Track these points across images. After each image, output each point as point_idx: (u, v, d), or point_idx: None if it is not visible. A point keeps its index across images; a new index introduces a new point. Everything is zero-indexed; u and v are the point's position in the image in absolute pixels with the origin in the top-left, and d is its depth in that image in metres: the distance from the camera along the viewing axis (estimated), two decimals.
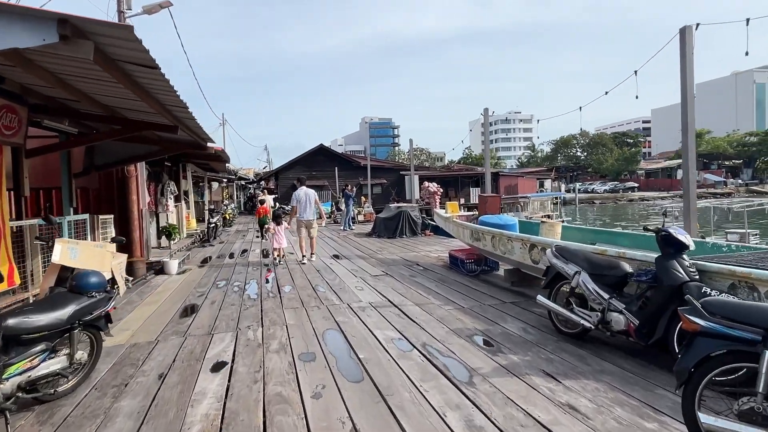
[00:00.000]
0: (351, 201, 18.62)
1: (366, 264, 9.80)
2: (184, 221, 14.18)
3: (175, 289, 7.75)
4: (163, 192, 11.24)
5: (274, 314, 5.93)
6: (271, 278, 8.48)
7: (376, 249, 12.26)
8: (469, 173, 41.41)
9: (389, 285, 7.51)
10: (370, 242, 13.98)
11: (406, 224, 15.15)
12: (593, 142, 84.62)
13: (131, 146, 8.41)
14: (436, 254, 10.82)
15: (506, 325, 5.12)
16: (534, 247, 6.00)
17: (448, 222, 9.09)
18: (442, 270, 8.73)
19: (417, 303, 6.25)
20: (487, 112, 11.12)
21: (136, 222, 9.03)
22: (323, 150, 38.24)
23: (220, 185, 29.45)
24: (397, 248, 12.29)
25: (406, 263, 9.68)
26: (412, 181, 15.92)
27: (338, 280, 8.14)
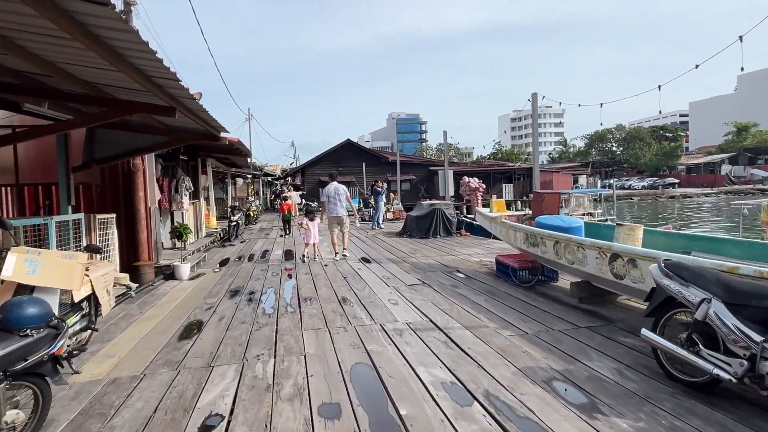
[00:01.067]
0: (381, 198, 17.49)
1: (399, 270, 8.64)
2: (203, 219, 13.31)
3: (182, 300, 6.76)
4: (178, 188, 10.33)
5: (291, 338, 4.83)
6: (290, 286, 7.41)
7: (409, 251, 11.09)
8: (501, 169, 39.76)
9: (428, 298, 6.33)
10: (401, 243, 12.81)
11: (440, 223, 13.93)
12: (630, 137, 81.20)
13: (135, 137, 7.45)
14: (477, 258, 9.58)
15: (592, 364, 3.87)
16: (617, 258, 4.72)
17: (494, 223, 7.85)
18: (488, 279, 7.50)
19: (466, 325, 5.05)
20: (536, 98, 9.79)
21: (144, 222, 8.10)
22: (350, 145, 37.26)
23: (245, 181, 28.79)
24: (432, 250, 11.08)
25: (444, 269, 8.48)
26: (447, 177, 14.70)
27: (368, 290, 7.01)
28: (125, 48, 3.24)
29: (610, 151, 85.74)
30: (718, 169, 69.03)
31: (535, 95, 9.80)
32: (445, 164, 15.59)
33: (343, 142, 36.91)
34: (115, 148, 7.46)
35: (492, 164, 44.13)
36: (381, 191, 17.45)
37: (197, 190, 13.28)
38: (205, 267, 9.70)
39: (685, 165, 73.09)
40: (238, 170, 25.80)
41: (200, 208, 12.97)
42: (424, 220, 14.11)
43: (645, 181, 68.77)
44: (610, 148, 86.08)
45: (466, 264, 8.95)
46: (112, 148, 7.45)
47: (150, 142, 7.58)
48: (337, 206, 9.91)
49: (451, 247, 11.59)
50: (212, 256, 11.22)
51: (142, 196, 8.08)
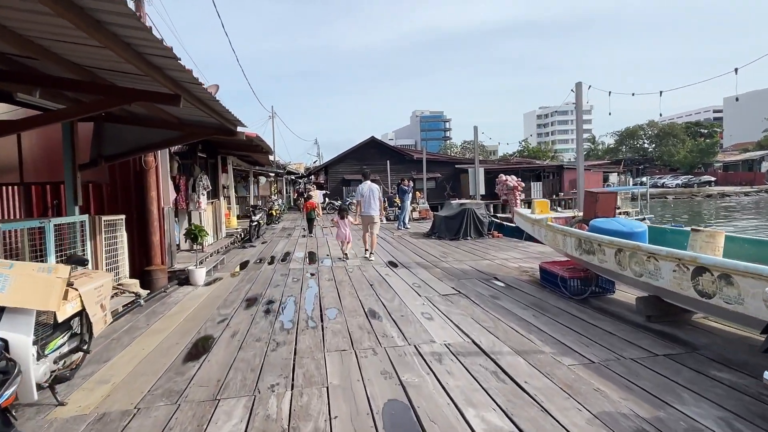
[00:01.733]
0: (408, 197, 16.75)
1: (430, 276, 7.90)
2: (222, 219, 12.80)
3: (194, 310, 6.16)
4: (195, 187, 9.79)
5: (312, 362, 4.15)
6: (312, 294, 6.75)
7: (439, 254, 10.32)
8: (530, 166, 38.51)
9: (467, 312, 5.57)
10: (429, 245, 12.05)
11: (471, 224, 13.11)
12: (663, 133, 78.40)
13: (146, 132, 6.90)
14: (515, 264, 8.76)
15: (688, 410, 3.07)
16: (704, 273, 3.89)
17: (537, 225, 7.03)
18: (532, 289, 6.69)
19: (517, 348, 4.28)
20: (580, 88, 8.90)
21: (156, 223, 7.55)
22: (375, 142, 36.59)
23: (268, 180, 28.40)
24: (464, 254, 10.29)
25: (480, 277, 7.69)
26: (477, 176, 13.86)
27: (397, 300, 6.29)
28: (102, 11, 2.58)
29: (642, 148, 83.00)
30: (757, 166, 65.92)
31: (580, 85, 8.91)
32: (475, 162, 14.76)
33: (367, 139, 36.26)
34: (124, 144, 6.91)
35: (520, 162, 42.87)
36: (408, 190, 16.71)
37: (217, 188, 12.77)
38: (223, 270, 9.13)
39: (722, 162, 70.08)
40: (260, 169, 25.40)
41: (220, 207, 12.46)
42: (453, 220, 13.31)
43: (679, 179, 66.22)
44: (642, 145, 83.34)
45: (504, 270, 8.14)
46: (121, 144, 6.90)
47: (162, 138, 7.01)
48: (371, 205, 9.84)
49: (484, 250, 10.77)
50: (231, 259, 10.66)
51: (155, 196, 7.52)
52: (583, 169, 9.27)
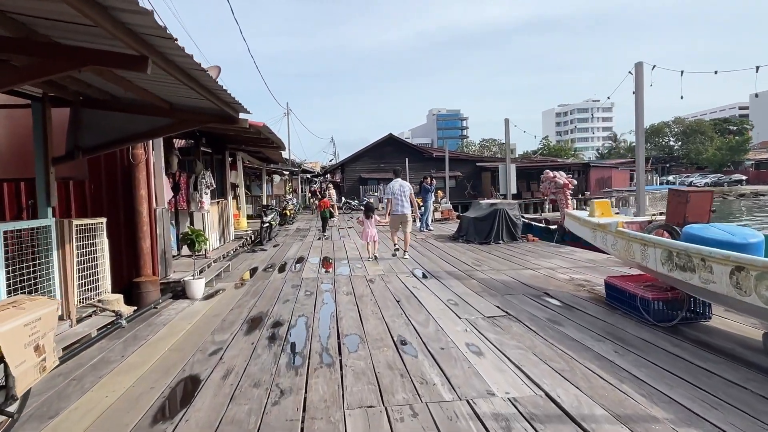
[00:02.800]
0: (430, 196, 15.53)
1: (466, 290, 6.68)
2: (230, 220, 11.73)
3: (184, 335, 5.04)
4: (197, 186, 8.71)
5: (327, 425, 2.97)
6: (328, 314, 5.59)
7: (472, 262, 9.08)
8: (555, 164, 36.89)
9: (525, 343, 4.35)
10: (458, 250, 10.81)
11: (503, 226, 11.83)
12: (690, 130, 75.72)
13: (131, 119, 5.79)
14: (564, 275, 7.49)
15: None
16: None
17: (601, 231, 5.76)
18: (596, 309, 5.43)
19: (615, 411, 3.04)
20: (641, 68, 7.58)
21: (146, 227, 6.46)
22: (392, 140, 35.42)
23: (282, 178, 27.41)
24: (500, 261, 9.04)
25: (528, 291, 6.45)
26: (508, 173, 12.58)
27: (432, 324, 5.09)
28: None
29: (667, 145, 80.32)
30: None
31: (641, 65, 7.60)
32: (506, 158, 13.47)
33: (385, 137, 35.09)
34: (106, 134, 5.82)
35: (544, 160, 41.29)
36: (431, 189, 15.48)
37: (224, 187, 11.71)
38: (227, 279, 8.03)
39: (753, 160, 67.28)
40: (274, 167, 24.40)
41: (227, 208, 11.40)
42: (483, 222, 12.05)
43: (708, 177, 63.65)
44: (668, 142, 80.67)
45: (555, 284, 6.88)
46: (103, 133, 5.82)
47: (150, 126, 5.90)
48: (402, 204, 9.53)
49: (522, 256, 9.50)
50: (238, 265, 9.57)
51: (145, 195, 6.44)
52: (643, 162, 7.94)
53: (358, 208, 27.60)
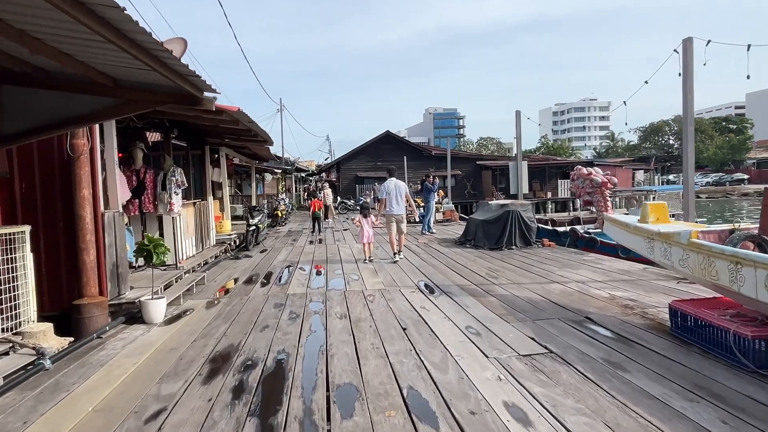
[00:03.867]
0: (433, 196, 14.29)
1: (486, 311, 5.44)
2: (211, 224, 10.45)
3: (121, 384, 3.77)
4: (165, 185, 7.44)
5: None
6: (315, 350, 4.34)
7: (486, 272, 7.85)
8: (558, 163, 35.77)
9: (587, 403, 3.12)
10: (467, 257, 9.57)
11: (516, 230, 10.61)
12: None
13: (66, 99, 4.53)
14: (600, 290, 6.26)
15: None
16: None
17: (662, 242, 4.53)
18: (662, 344, 4.20)
19: None
20: (690, 44, 6.36)
21: (90, 235, 5.19)
22: (390, 137, 34.17)
23: (274, 177, 26.10)
24: (519, 272, 7.81)
25: (563, 314, 5.22)
26: (520, 170, 11.35)
27: (452, 366, 3.85)
28: None
29: (667, 144, 79.34)
30: None
31: (690, 41, 6.38)
32: (517, 155, 12.23)
33: (382, 134, 33.81)
34: (32, 118, 4.56)
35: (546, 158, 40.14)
36: (433, 188, 14.24)
37: (204, 186, 10.44)
38: (200, 295, 6.78)
39: (754, 159, 66.42)
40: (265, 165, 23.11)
41: (207, 209, 10.12)
42: (493, 225, 10.82)
43: (709, 177, 62.74)
44: (667, 141, 79.69)
45: (594, 303, 5.65)
46: (27, 117, 4.55)
47: (90, 108, 4.63)
48: (397, 204, 9.32)
49: (542, 266, 8.27)
50: (216, 276, 8.30)
51: (88, 196, 5.17)
52: (693, 156, 6.71)
53: (354, 208, 26.36)
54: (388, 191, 9.32)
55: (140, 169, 7.42)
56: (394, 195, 9.28)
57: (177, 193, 7.53)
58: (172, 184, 7.47)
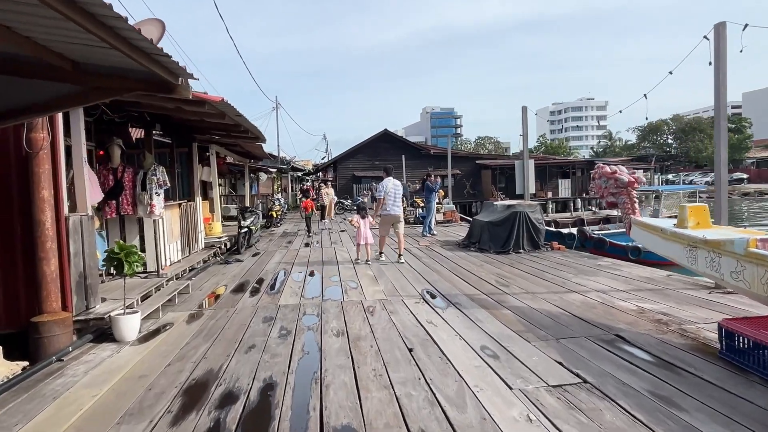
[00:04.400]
0: (434, 196, 13.67)
1: (502, 327, 4.82)
2: (200, 226, 9.79)
3: (71, 428, 3.13)
4: (145, 185, 6.79)
5: None
6: (308, 378, 3.71)
7: (495, 279, 7.23)
8: (558, 162, 35.22)
9: None
10: (473, 262, 8.95)
11: (524, 232, 10.00)
12: (689, 128, 74.38)
13: (19, 85, 3.89)
14: (626, 301, 5.65)
15: None
16: None
17: (707, 250, 3.92)
18: (714, 371, 3.58)
19: None
20: (723, 29, 5.76)
21: (50, 243, 4.54)
22: (388, 136, 33.54)
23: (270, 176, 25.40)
24: (532, 279, 7.19)
25: (590, 331, 4.60)
26: (527, 169, 10.70)
27: (470, 401, 3.22)
28: None
29: (666, 144, 79.00)
30: None
31: (723, 26, 5.77)
32: (524, 153, 11.62)
33: (380, 132, 33.17)
34: None
35: (545, 158, 39.58)
36: (434, 188, 13.60)
37: (191, 186, 9.79)
38: (182, 307, 6.14)
39: (754, 159, 66.10)
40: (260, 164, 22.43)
41: (195, 211, 9.47)
42: (499, 227, 10.21)
43: (708, 176, 62.32)
44: (666, 140, 79.34)
45: (622, 318, 5.03)
46: None
47: (48, 96, 4.00)
48: (395, 204, 9.02)
49: (556, 272, 7.65)
50: (202, 283, 7.66)
51: (48, 198, 4.52)
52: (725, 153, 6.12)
53: (351, 208, 25.73)
54: (386, 191, 8.97)
55: (118, 168, 6.76)
56: (392, 195, 8.96)
57: (158, 194, 6.88)
58: (152, 184, 6.82)
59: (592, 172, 6.18)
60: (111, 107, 5.91)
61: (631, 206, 5.32)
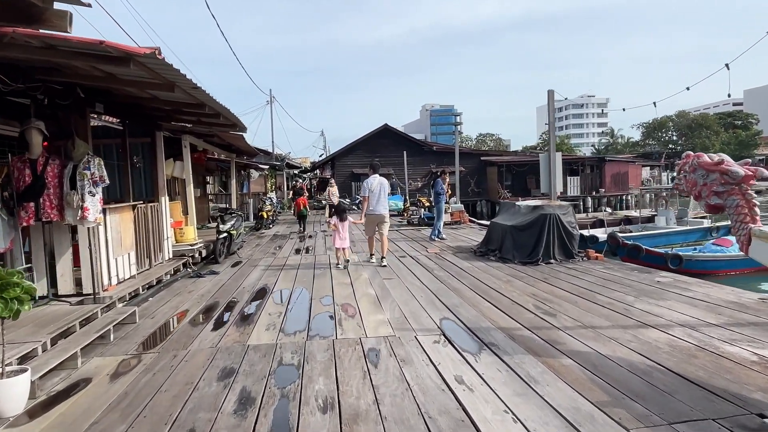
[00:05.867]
0: (443, 197, 11.99)
1: (574, 396, 3.18)
2: (165, 233, 8.12)
3: None
4: (75, 181, 5.14)
5: None
6: None
7: (533, 304, 5.58)
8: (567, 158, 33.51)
9: None
10: (498, 276, 7.31)
11: (555, 239, 8.36)
12: (695, 124, 72.75)
13: None
14: (739, 348, 4.00)
15: None
16: None
17: None
18: None
19: None
20: None
21: None
22: (388, 131, 31.84)
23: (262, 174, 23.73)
24: (583, 304, 5.53)
25: (713, 404, 2.96)
26: (554, 163, 9.10)
27: None
28: None
29: (671, 140, 77.32)
30: None
31: None
32: (551, 145, 9.97)
33: (380, 127, 31.45)
34: None
35: None
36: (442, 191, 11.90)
37: (155, 183, 8.12)
38: (116, 347, 4.50)
39: (763, 155, 64.53)
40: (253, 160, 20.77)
41: (159, 214, 7.80)
42: (525, 232, 8.57)
43: None
44: (671, 137, 77.67)
45: (748, 377, 3.39)
46: None
47: None
48: (381, 203, 8.54)
49: (609, 291, 6.00)
50: (158, 307, 6.01)
51: None
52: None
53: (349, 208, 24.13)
54: (371, 189, 8.48)
55: (38, 160, 5.10)
56: (377, 193, 8.46)
57: (93, 194, 5.23)
58: (84, 181, 5.17)
59: (679, 162, 4.52)
60: (10, 74, 4.25)
61: (748, 211, 3.69)
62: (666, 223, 16.51)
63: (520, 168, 31.72)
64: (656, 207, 19.43)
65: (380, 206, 8.50)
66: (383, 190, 8.55)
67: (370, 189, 8.48)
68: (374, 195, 8.47)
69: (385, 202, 8.57)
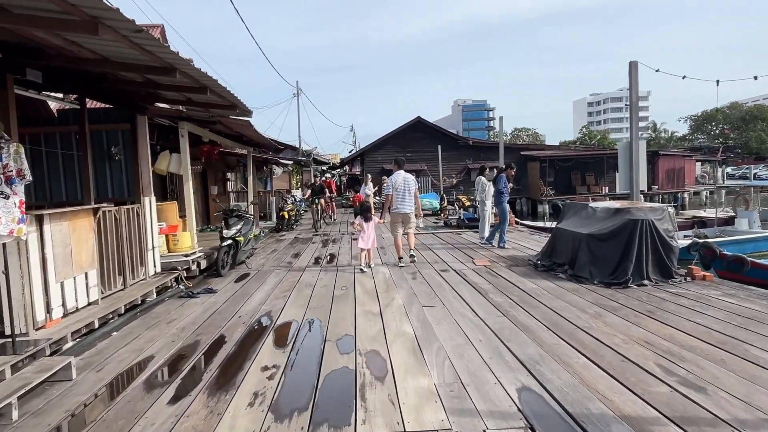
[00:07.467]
0: (506, 197, 10.11)
1: None
2: (150, 242, 6.53)
3: None
4: None
5: None
6: None
7: (658, 363, 3.65)
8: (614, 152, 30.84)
9: None
10: (581, 306, 5.37)
11: (649, 253, 6.36)
12: (749, 117, 67.83)
13: None
14: None
15: None
16: None
17: None
18: None
19: None
20: None
21: None
22: (421, 124, 29.89)
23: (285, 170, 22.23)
24: (737, 365, 3.56)
25: None
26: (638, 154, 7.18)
27: None
28: None
29: (721, 134, 72.39)
30: None
31: None
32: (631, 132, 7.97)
33: (413, 120, 29.51)
34: None
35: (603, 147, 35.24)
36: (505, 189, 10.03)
37: (137, 179, 6.51)
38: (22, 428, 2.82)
39: None
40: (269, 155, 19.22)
41: (142, 219, 6.20)
42: (607, 243, 6.60)
43: None
44: (722, 131, 72.74)
45: None
46: None
47: None
48: (405, 200, 8.10)
49: (753, 336, 4.02)
50: (116, 350, 4.37)
51: None
52: None
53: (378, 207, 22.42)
54: (394, 186, 8.16)
55: None
56: (403, 190, 8.15)
57: (6, 195, 3.60)
58: None
59: None
60: None
61: None
62: (749, 226, 14.09)
63: (564, 163, 29.27)
64: (734, 207, 16.87)
65: (405, 205, 8.14)
66: (408, 187, 8.16)
67: (394, 186, 8.14)
68: (398, 193, 8.14)
69: (410, 200, 8.20)
